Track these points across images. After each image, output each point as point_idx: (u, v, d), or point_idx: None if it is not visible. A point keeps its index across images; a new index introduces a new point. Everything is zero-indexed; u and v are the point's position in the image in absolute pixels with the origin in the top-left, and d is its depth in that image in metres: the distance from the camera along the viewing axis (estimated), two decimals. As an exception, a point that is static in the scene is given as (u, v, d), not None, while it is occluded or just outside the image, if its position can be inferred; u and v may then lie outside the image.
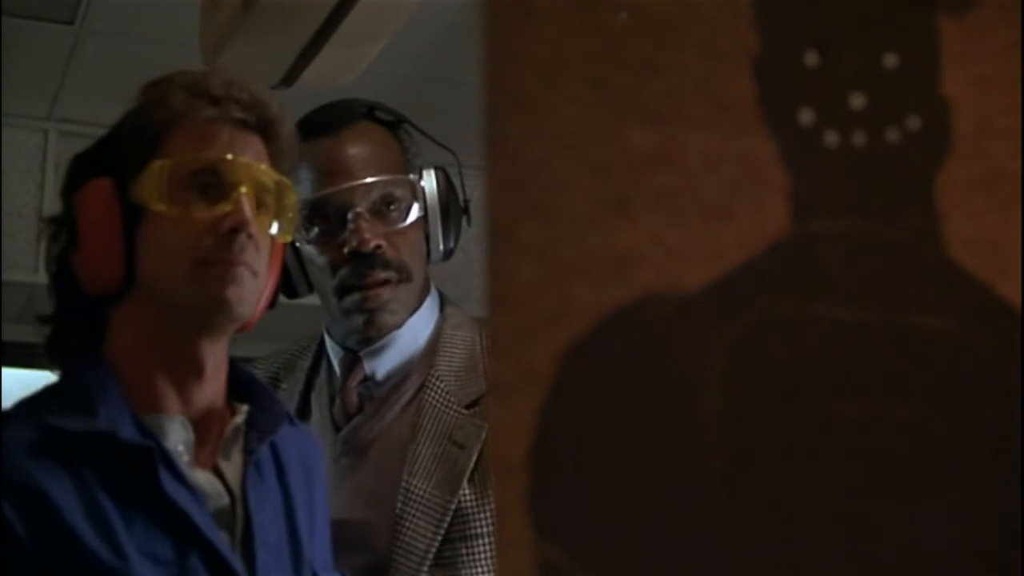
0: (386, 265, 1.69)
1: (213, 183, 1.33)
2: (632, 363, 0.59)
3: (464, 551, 1.62)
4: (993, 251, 0.60)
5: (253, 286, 1.34)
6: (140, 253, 1.33)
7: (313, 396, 1.80)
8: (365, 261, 1.68)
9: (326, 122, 1.73)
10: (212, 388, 1.39)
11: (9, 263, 3.54)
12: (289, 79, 1.99)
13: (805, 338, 0.60)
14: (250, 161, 1.35)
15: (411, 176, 1.74)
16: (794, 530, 0.59)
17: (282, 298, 1.70)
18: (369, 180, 1.69)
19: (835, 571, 0.58)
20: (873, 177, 0.61)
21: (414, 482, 1.64)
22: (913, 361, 0.59)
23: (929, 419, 0.59)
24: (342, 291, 1.70)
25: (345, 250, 1.68)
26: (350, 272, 1.69)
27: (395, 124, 1.78)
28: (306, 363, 1.83)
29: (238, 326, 1.36)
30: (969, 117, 0.62)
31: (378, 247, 1.68)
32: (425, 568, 1.61)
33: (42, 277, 1.53)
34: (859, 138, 0.62)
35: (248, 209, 1.32)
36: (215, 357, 1.38)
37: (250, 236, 1.32)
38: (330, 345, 1.79)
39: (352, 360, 1.75)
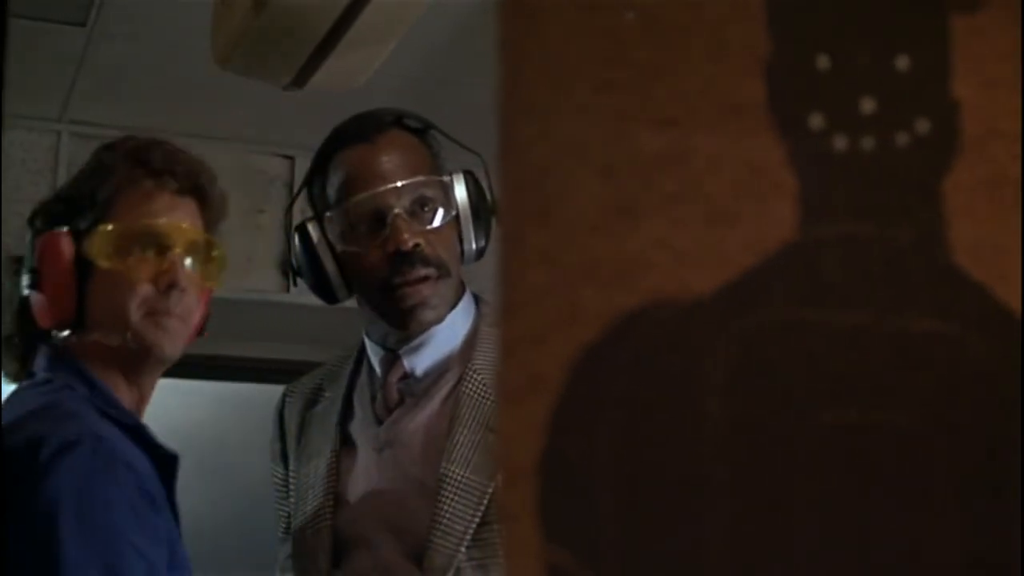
0: (426, 262, 1.75)
1: (152, 243, 1.64)
2: (639, 368, 0.59)
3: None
4: (995, 255, 0.60)
5: (182, 332, 1.66)
6: (90, 299, 1.64)
7: (355, 396, 1.87)
8: (405, 259, 1.74)
9: (359, 131, 1.82)
10: (143, 411, 1.70)
11: (21, 264, 3.54)
12: (300, 80, 1.99)
13: (808, 343, 0.60)
14: (182, 223, 1.67)
15: (443, 177, 1.81)
16: (793, 533, 0.59)
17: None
18: (403, 183, 1.76)
19: (831, 572, 0.59)
20: (881, 181, 0.61)
21: (452, 468, 1.71)
22: (913, 366, 0.59)
23: (927, 424, 0.59)
24: (384, 291, 1.76)
25: (387, 250, 1.74)
26: (391, 272, 1.75)
27: (423, 131, 1.86)
28: (348, 369, 1.90)
29: (168, 366, 1.69)
30: (977, 119, 0.62)
31: (416, 245, 1.74)
32: (463, 548, 1.68)
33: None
34: (868, 142, 0.61)
35: (181, 268, 1.64)
36: (152, 387, 1.70)
37: (183, 289, 1.63)
38: (369, 346, 1.86)
39: (392, 358, 1.82)
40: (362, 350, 1.89)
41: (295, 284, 1.88)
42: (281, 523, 1.91)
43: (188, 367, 4.35)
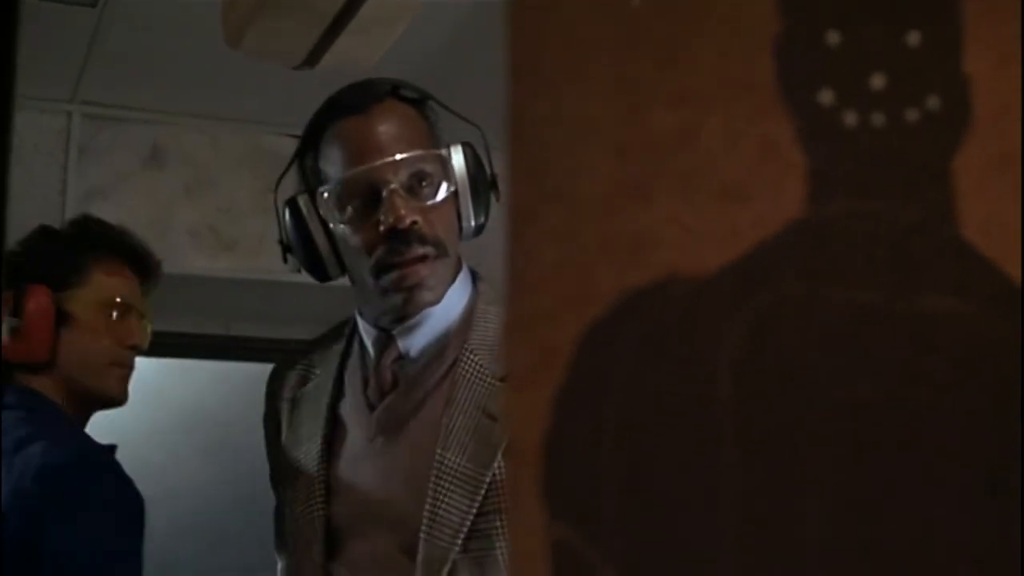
0: (423, 240, 1.67)
1: (117, 308, 2.13)
2: (649, 344, 0.59)
3: (499, 524, 1.60)
4: (1004, 233, 0.60)
5: (129, 380, 2.16)
6: (63, 346, 2.10)
7: (346, 377, 1.80)
8: (402, 238, 1.66)
9: (353, 101, 1.73)
10: None
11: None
12: (312, 60, 1.99)
13: (818, 320, 0.60)
14: (138, 296, 2.18)
15: (441, 151, 1.73)
16: (801, 513, 0.59)
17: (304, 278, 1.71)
18: (400, 156, 1.68)
19: (841, 554, 0.59)
20: (891, 158, 0.61)
21: (448, 456, 1.64)
22: (924, 344, 0.59)
23: (939, 402, 0.59)
24: (379, 270, 1.69)
25: (381, 228, 1.67)
26: (387, 250, 1.67)
27: (420, 101, 1.78)
28: (339, 347, 1.82)
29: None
30: (989, 97, 0.62)
31: (414, 223, 1.67)
32: (459, 541, 1.60)
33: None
34: (878, 118, 0.61)
35: (145, 334, 2.18)
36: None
37: (140, 348, 2.15)
38: (363, 326, 1.78)
39: (386, 339, 1.74)
40: (354, 328, 1.82)
41: (285, 261, 1.80)
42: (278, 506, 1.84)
43: (199, 348, 4.37)
